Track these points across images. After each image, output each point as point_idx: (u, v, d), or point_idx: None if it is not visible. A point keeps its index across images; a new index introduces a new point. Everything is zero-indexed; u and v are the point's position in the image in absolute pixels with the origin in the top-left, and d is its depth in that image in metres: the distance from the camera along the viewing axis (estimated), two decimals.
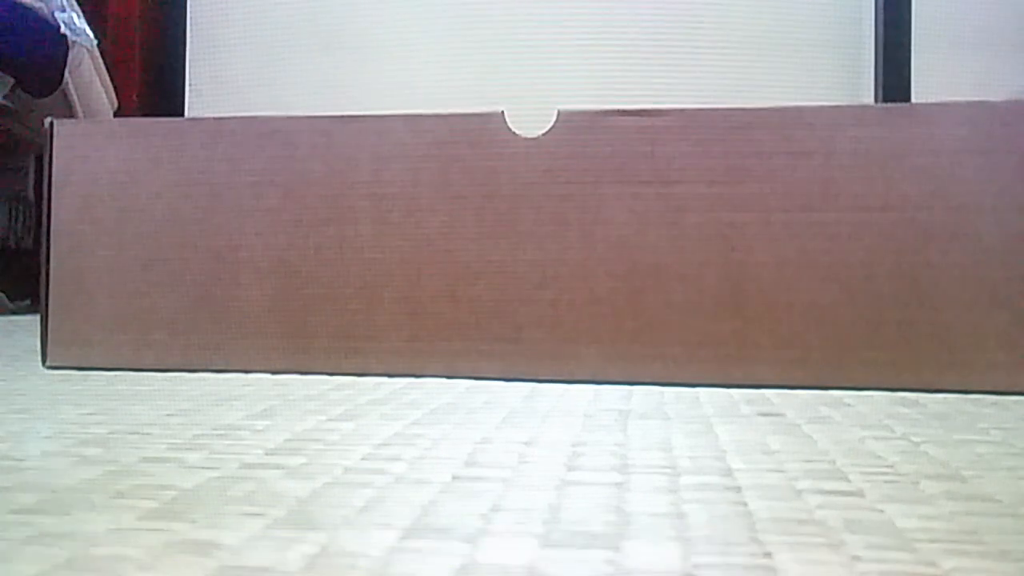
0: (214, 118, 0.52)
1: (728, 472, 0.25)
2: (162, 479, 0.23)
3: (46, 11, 0.95)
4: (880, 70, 0.97)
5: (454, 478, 0.24)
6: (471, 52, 1.13)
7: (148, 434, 0.30)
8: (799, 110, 0.46)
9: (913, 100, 0.96)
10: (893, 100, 0.96)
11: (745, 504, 0.21)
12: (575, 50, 1.10)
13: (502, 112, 0.47)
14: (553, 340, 0.47)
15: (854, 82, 1.03)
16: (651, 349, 0.46)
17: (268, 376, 0.47)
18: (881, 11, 0.97)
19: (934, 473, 0.25)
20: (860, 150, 0.45)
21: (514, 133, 0.47)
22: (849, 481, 0.24)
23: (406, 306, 0.48)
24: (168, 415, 0.34)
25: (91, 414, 0.34)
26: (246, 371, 0.48)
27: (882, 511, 0.21)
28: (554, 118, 0.47)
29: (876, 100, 1.00)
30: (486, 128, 0.47)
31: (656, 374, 0.45)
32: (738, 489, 0.23)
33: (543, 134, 0.47)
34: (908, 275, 0.44)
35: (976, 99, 0.45)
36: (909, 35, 0.97)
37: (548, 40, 1.11)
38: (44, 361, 0.50)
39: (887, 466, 0.26)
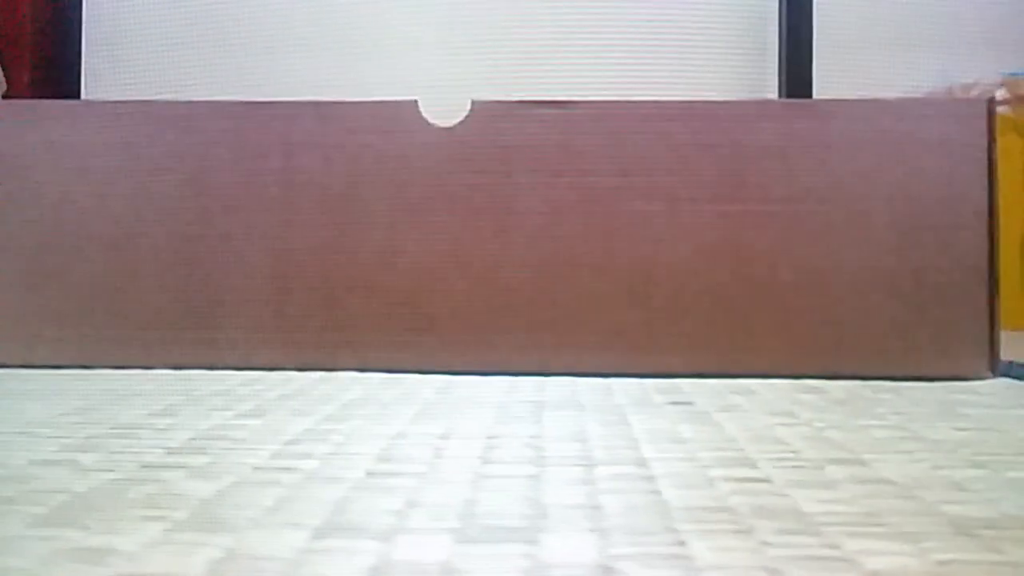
0: (111, 101, 0.50)
1: (642, 462, 0.25)
2: (53, 483, 0.22)
3: None
4: (784, 71, 1.01)
5: (367, 474, 0.23)
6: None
7: (38, 434, 0.28)
8: (708, 104, 0.47)
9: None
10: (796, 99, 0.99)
11: (659, 493, 0.22)
12: (484, 46, 1.09)
13: (415, 101, 0.47)
14: (466, 331, 0.46)
15: (759, 82, 1.06)
16: (564, 339, 0.46)
17: (171, 372, 0.45)
18: (785, 15, 1.01)
19: (837, 458, 0.25)
20: (764, 143, 0.46)
21: (427, 122, 0.47)
22: (758, 468, 0.24)
23: (317, 297, 0.47)
24: (61, 414, 0.32)
25: None
26: (147, 367, 0.46)
27: (789, 496, 0.21)
28: (468, 108, 0.47)
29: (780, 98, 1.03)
30: (399, 116, 0.47)
31: (569, 364, 0.46)
32: (652, 479, 0.23)
33: (457, 123, 0.46)
34: (808, 265, 0.46)
35: (872, 96, 0.47)
36: (811, 38, 1.01)
37: (460, 36, 1.10)
38: None
39: (793, 452, 0.26)
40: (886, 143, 0.46)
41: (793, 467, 0.24)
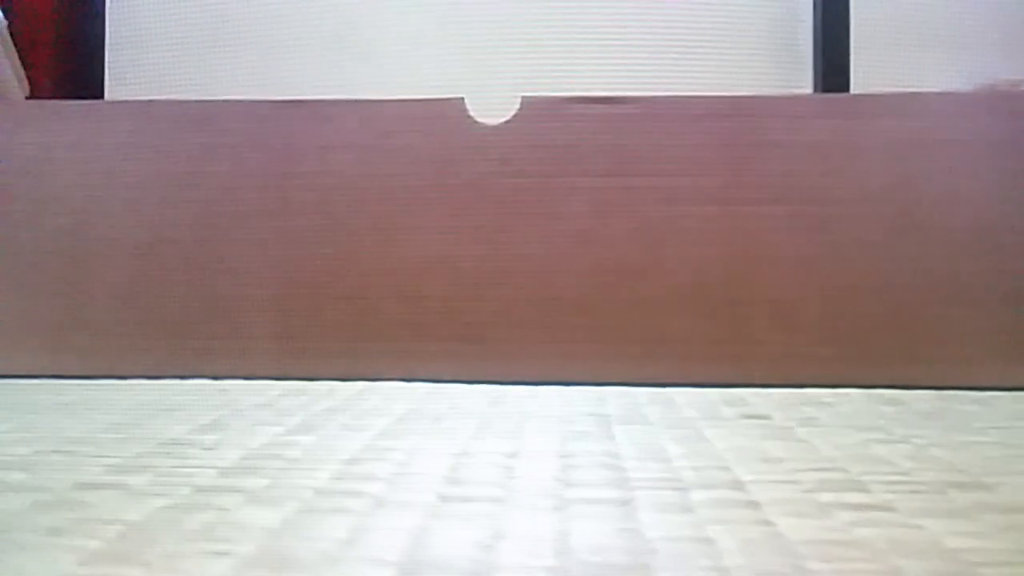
0: (138, 101, 0.49)
1: (739, 485, 0.23)
2: (103, 510, 0.20)
3: None
4: (819, 68, 0.98)
5: (440, 499, 0.21)
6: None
7: (79, 453, 0.26)
8: (764, 100, 0.45)
9: None
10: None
11: (772, 524, 0.19)
12: (495, 45, 1.07)
13: (462, 98, 0.45)
14: (511, 339, 0.44)
15: (792, 80, 1.03)
16: (615, 348, 0.44)
17: (207, 382, 0.43)
18: (820, 12, 0.98)
19: (956, 481, 0.23)
20: (823, 141, 0.44)
21: (472, 120, 0.45)
22: (871, 492, 0.22)
23: (353, 305, 0.45)
24: (100, 430, 0.30)
25: (9, 431, 0.30)
26: (180, 377, 0.44)
27: (923, 528, 0.19)
28: (517, 105, 0.44)
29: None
30: (440, 116, 0.45)
31: (621, 374, 0.43)
32: (757, 505, 0.21)
33: (502, 122, 0.44)
34: (874, 270, 0.43)
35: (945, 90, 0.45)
36: (847, 35, 0.98)
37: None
38: None
39: (902, 473, 0.24)
40: (956, 141, 0.43)
41: (911, 492, 0.22)
